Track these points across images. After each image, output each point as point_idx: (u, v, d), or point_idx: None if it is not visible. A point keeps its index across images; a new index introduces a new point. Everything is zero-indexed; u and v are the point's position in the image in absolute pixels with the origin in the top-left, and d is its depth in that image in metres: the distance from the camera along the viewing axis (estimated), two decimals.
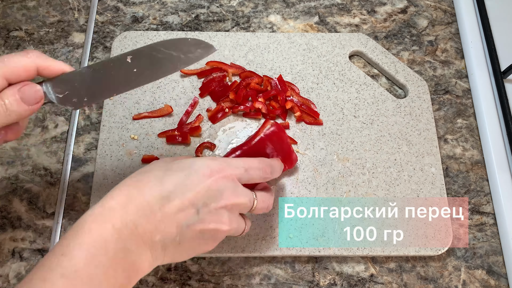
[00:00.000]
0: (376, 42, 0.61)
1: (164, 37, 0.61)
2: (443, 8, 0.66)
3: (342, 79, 0.59)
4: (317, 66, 0.59)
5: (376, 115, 0.57)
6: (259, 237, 0.49)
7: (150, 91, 0.57)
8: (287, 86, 0.57)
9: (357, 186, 0.52)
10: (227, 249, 0.48)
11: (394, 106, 0.57)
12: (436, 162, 0.54)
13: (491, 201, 0.54)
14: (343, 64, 0.60)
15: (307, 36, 0.61)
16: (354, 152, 0.54)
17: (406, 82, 0.59)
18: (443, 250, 0.49)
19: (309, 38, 0.61)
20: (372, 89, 0.58)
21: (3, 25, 0.63)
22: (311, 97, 0.57)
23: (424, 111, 0.57)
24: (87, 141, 0.55)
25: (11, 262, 0.49)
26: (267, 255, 0.49)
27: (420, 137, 0.55)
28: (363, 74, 0.59)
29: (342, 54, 0.60)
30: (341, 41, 0.61)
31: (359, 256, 0.50)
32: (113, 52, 0.59)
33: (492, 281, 0.50)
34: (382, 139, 0.55)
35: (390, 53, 0.61)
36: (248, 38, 0.61)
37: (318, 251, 0.49)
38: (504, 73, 0.58)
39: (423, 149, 0.55)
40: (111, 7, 0.65)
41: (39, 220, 0.51)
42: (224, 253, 0.49)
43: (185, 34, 0.61)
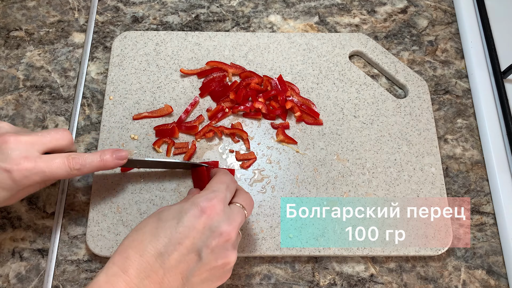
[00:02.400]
0: (376, 42, 0.61)
1: (164, 37, 0.60)
2: (443, 8, 0.66)
3: (342, 79, 0.59)
4: (317, 66, 0.59)
5: (376, 115, 0.57)
6: (259, 237, 0.49)
7: (150, 91, 0.57)
8: (287, 86, 0.57)
9: (357, 186, 0.52)
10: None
11: (394, 106, 0.57)
12: (436, 162, 0.54)
13: (491, 201, 0.54)
14: (343, 64, 0.60)
15: (307, 36, 0.61)
16: (354, 152, 0.54)
17: (406, 82, 0.59)
18: (443, 250, 0.49)
19: (309, 38, 0.61)
20: (372, 89, 0.58)
21: (3, 25, 0.63)
22: (311, 97, 0.57)
23: (424, 111, 0.57)
24: (87, 141, 0.55)
25: (11, 262, 0.49)
26: (267, 254, 0.49)
27: (420, 137, 0.55)
28: (363, 74, 0.59)
29: (342, 54, 0.60)
30: (341, 41, 0.61)
31: (359, 256, 0.50)
32: (113, 52, 0.59)
33: (492, 281, 0.50)
34: (382, 139, 0.55)
35: (390, 53, 0.61)
36: (248, 38, 0.61)
37: (318, 251, 0.49)
38: (504, 73, 0.58)
39: (423, 149, 0.55)
40: (111, 7, 0.65)
41: (39, 220, 0.51)
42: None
43: (185, 34, 0.61)
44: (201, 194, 0.39)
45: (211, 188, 0.40)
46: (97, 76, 0.59)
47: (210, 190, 0.39)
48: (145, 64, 0.59)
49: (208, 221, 0.37)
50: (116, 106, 0.56)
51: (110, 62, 0.58)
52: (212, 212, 0.37)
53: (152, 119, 0.55)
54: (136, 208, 0.50)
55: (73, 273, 0.49)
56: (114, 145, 0.53)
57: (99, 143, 0.54)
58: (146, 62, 0.59)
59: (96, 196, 0.51)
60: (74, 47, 0.61)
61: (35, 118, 0.57)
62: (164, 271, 0.35)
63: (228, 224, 0.37)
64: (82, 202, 0.52)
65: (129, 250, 0.36)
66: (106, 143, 0.54)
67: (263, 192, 0.52)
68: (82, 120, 0.57)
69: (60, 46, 0.61)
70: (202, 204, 0.37)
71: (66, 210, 0.52)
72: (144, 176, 0.52)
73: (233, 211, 0.39)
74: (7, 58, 0.60)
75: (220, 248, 0.37)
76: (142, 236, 0.37)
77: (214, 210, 0.37)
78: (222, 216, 0.37)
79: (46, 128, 0.56)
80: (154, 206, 0.50)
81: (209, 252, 0.37)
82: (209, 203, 0.37)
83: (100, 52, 0.61)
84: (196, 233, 0.36)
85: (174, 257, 0.36)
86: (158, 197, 0.51)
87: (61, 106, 0.57)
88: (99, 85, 0.59)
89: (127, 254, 0.35)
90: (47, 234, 0.51)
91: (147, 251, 0.35)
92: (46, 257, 0.49)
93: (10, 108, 0.57)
